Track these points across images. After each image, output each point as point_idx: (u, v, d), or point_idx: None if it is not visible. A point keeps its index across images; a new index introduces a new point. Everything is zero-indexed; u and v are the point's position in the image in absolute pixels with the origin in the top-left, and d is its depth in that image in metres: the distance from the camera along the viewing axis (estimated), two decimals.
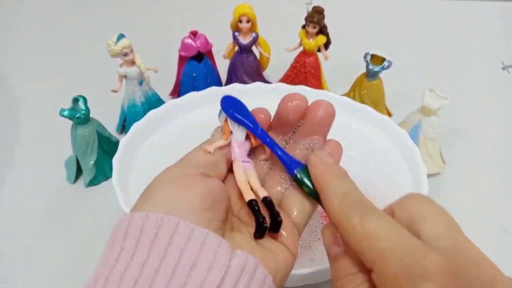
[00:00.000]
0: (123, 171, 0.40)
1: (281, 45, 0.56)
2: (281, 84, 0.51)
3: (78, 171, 0.48)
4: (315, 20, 0.51)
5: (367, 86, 0.53)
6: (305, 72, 0.56)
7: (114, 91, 0.50)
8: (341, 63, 0.61)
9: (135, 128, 0.44)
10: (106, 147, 0.48)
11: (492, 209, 0.47)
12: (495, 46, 0.74)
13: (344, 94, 0.56)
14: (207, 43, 0.55)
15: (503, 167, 0.51)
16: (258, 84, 0.50)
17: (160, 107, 0.46)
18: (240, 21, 0.52)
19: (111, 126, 0.53)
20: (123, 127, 0.54)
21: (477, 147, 0.54)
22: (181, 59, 0.56)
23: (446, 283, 0.17)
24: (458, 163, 0.51)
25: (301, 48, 0.56)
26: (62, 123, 0.46)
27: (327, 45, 0.55)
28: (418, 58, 0.69)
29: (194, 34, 0.54)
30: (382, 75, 0.52)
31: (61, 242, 0.43)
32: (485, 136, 0.56)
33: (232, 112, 0.26)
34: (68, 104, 0.45)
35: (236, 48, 0.56)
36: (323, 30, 0.53)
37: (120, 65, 0.49)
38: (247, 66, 0.57)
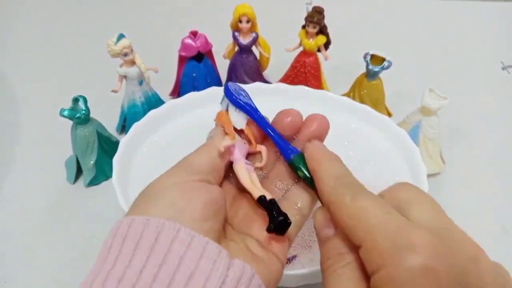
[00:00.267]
0: (123, 171, 0.40)
1: (281, 45, 0.56)
2: (281, 84, 0.51)
3: (78, 171, 0.48)
4: (315, 20, 0.51)
5: (367, 86, 0.53)
6: (305, 72, 0.56)
7: (114, 91, 0.50)
8: (341, 63, 0.61)
9: (135, 128, 0.44)
10: (106, 147, 0.48)
11: (492, 209, 0.47)
12: (495, 46, 0.74)
13: (344, 94, 0.56)
14: (207, 43, 0.55)
15: (503, 167, 0.51)
16: (258, 84, 0.50)
17: (160, 107, 0.46)
18: (240, 21, 0.52)
19: (111, 126, 0.53)
20: (123, 127, 0.55)
21: (477, 147, 0.54)
22: (181, 59, 0.56)
23: (431, 256, 0.18)
24: (458, 163, 0.51)
25: (301, 48, 0.56)
26: (62, 123, 0.46)
27: (327, 45, 0.55)
28: (418, 58, 0.69)
29: (194, 34, 0.54)
30: (382, 75, 0.52)
31: (61, 242, 0.43)
32: (485, 136, 0.56)
33: (232, 96, 0.27)
34: (68, 104, 0.45)
35: (236, 48, 0.56)
36: (323, 30, 0.53)
37: (120, 65, 0.49)
38: (247, 66, 0.57)
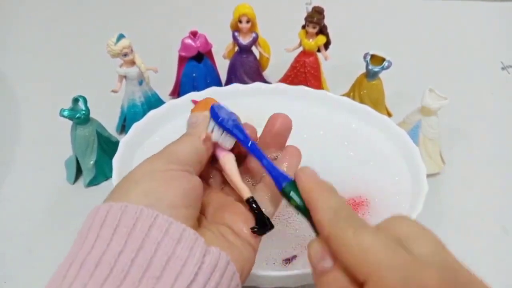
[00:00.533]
0: (123, 171, 0.40)
1: (281, 45, 0.56)
2: (281, 84, 0.51)
3: (78, 171, 0.48)
4: (315, 20, 0.51)
5: (367, 86, 0.53)
6: (305, 72, 0.56)
7: (114, 91, 0.50)
8: (341, 63, 0.61)
9: (135, 128, 0.44)
10: (106, 147, 0.48)
11: (492, 209, 0.47)
12: (495, 46, 0.74)
13: (344, 94, 0.55)
14: (207, 43, 0.55)
15: (503, 167, 0.51)
16: (258, 84, 0.50)
17: (160, 107, 0.46)
18: (240, 21, 0.52)
19: (111, 126, 0.53)
20: (123, 127, 0.54)
21: (477, 147, 0.54)
22: (181, 59, 0.56)
23: None
24: (458, 163, 0.51)
25: (301, 48, 0.55)
26: (62, 123, 0.46)
27: (327, 45, 0.55)
28: (418, 58, 0.69)
29: (194, 34, 0.54)
30: (382, 75, 0.52)
31: (61, 242, 0.42)
32: (485, 136, 0.56)
33: (222, 121, 0.27)
34: (68, 104, 0.45)
35: (236, 48, 0.56)
36: (323, 30, 0.53)
37: (120, 65, 0.49)
38: (247, 66, 0.57)
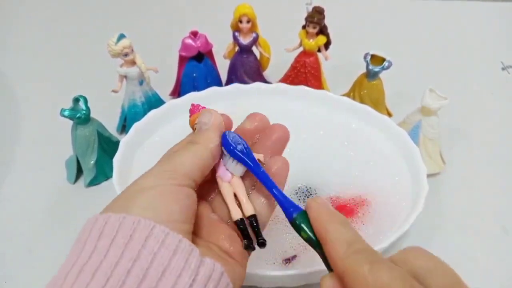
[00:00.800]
0: (123, 171, 0.40)
1: (281, 45, 0.56)
2: (281, 84, 0.51)
3: (79, 171, 0.48)
4: (315, 21, 0.51)
5: (367, 86, 0.53)
6: (305, 72, 0.56)
7: (115, 91, 0.50)
8: (341, 63, 0.61)
9: (135, 128, 0.44)
10: (107, 147, 0.48)
11: (492, 209, 0.47)
12: (495, 46, 0.74)
13: (344, 94, 0.56)
14: (207, 43, 0.55)
15: (503, 167, 0.51)
16: (258, 84, 0.50)
17: (160, 107, 0.46)
18: (240, 21, 0.52)
19: (112, 126, 0.53)
20: (124, 127, 0.54)
21: (477, 147, 0.54)
22: (181, 59, 0.56)
23: None
24: (458, 163, 0.51)
25: (301, 48, 0.56)
26: (62, 123, 0.46)
27: (327, 45, 0.55)
28: (418, 58, 0.69)
29: (194, 34, 0.54)
30: (382, 75, 0.52)
31: (61, 242, 0.42)
32: (485, 136, 0.56)
33: (233, 149, 0.26)
34: (68, 104, 0.45)
35: (236, 48, 0.56)
36: (323, 31, 0.53)
37: (121, 65, 0.49)
38: (247, 66, 0.57)
